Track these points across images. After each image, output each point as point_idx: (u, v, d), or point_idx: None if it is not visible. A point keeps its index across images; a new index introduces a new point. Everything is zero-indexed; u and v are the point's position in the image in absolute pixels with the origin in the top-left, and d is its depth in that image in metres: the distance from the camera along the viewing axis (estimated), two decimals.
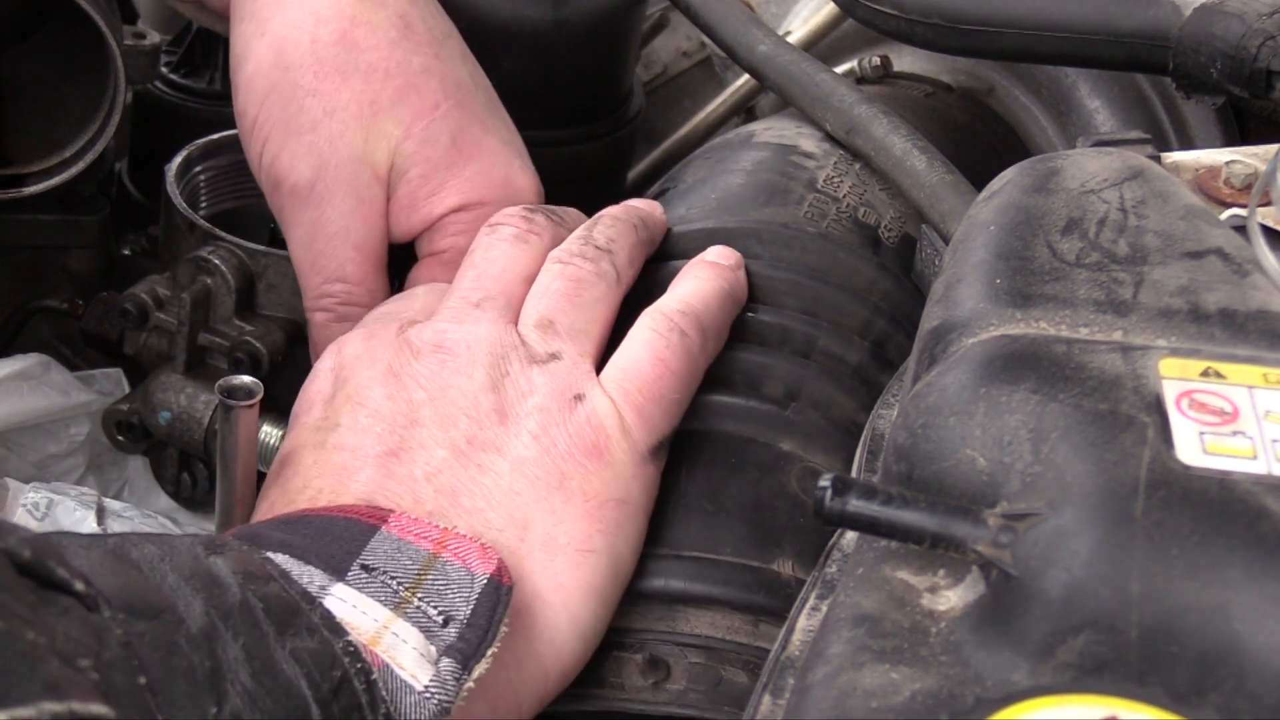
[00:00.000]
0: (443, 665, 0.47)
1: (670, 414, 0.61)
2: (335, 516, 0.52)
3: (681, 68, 1.19)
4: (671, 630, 0.58)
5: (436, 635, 0.48)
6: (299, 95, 0.69)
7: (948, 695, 0.35)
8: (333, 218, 0.69)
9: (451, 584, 0.50)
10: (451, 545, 0.52)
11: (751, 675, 0.58)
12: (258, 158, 0.71)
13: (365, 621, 0.47)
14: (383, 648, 0.47)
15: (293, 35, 0.70)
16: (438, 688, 0.46)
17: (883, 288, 0.70)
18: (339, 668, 0.44)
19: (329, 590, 0.48)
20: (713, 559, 0.59)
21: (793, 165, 0.76)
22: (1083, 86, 0.92)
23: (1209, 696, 0.34)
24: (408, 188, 0.70)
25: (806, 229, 0.71)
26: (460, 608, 0.49)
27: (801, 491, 0.61)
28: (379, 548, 0.50)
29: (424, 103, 0.70)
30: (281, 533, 0.51)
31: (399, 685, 0.46)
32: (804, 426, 0.63)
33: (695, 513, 0.60)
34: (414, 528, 0.52)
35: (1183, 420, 0.40)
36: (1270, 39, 0.61)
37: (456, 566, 0.51)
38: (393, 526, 0.52)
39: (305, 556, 0.49)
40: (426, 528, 0.52)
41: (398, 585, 0.49)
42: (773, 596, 0.58)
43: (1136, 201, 0.50)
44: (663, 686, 0.58)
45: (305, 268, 0.71)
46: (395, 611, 0.48)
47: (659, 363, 0.60)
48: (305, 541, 0.50)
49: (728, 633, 0.58)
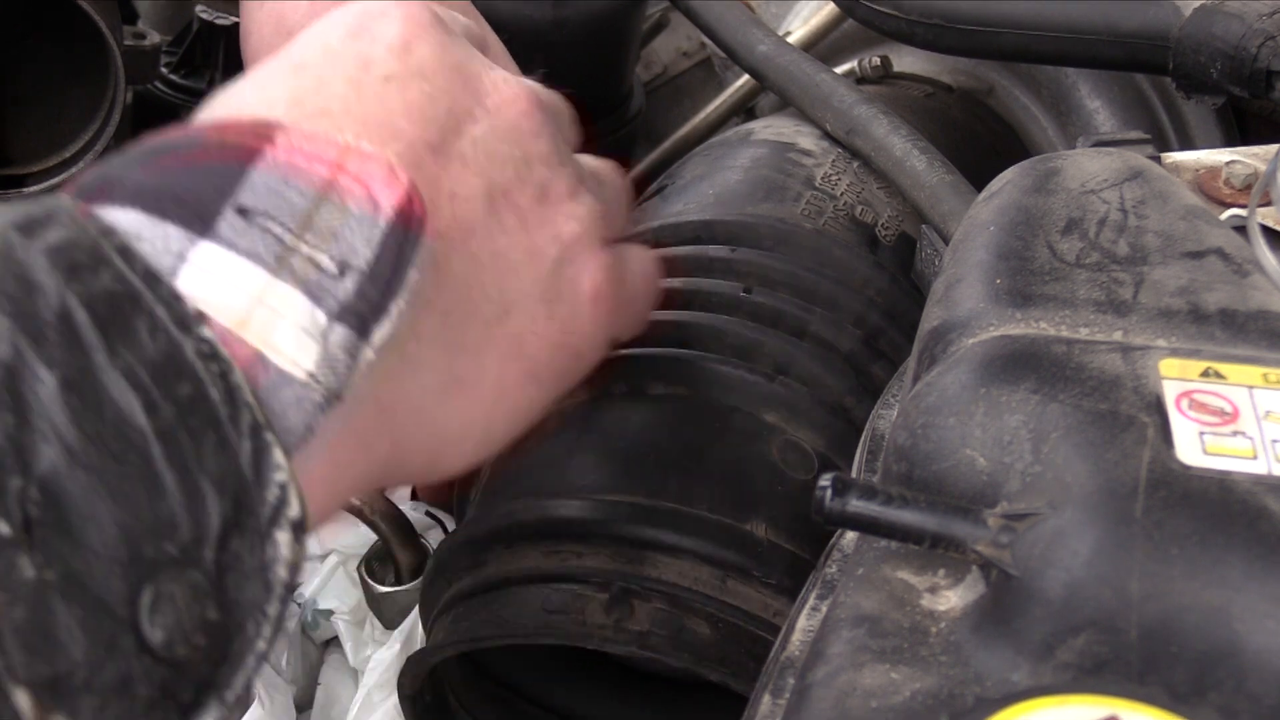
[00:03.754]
0: (333, 338, 0.38)
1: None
2: (211, 140, 0.41)
3: (681, 68, 1.19)
4: (639, 574, 0.59)
5: (329, 292, 0.39)
6: None
7: (948, 695, 0.35)
8: None
9: (350, 219, 0.40)
10: (352, 165, 0.41)
11: (714, 629, 0.58)
12: None
13: (233, 296, 0.37)
14: (253, 331, 0.37)
15: (291, 2, 0.70)
16: (325, 371, 0.38)
17: (878, 285, 0.70)
18: (187, 378, 0.34)
19: (187, 258, 0.37)
20: (687, 510, 0.59)
21: (790, 162, 0.76)
22: (1083, 86, 0.92)
23: (1209, 696, 0.34)
24: None
25: (803, 225, 0.71)
26: (360, 250, 0.40)
27: (782, 462, 0.62)
28: (260, 181, 0.39)
29: None
30: (144, 171, 0.39)
31: (273, 380, 0.37)
32: (790, 401, 0.64)
33: (674, 468, 0.61)
34: (307, 146, 0.41)
35: (1183, 420, 0.40)
36: (1270, 39, 0.61)
37: (357, 194, 0.41)
38: (280, 148, 0.41)
39: (163, 207, 0.38)
40: (322, 146, 0.41)
41: (281, 231, 0.39)
42: (743, 554, 0.58)
43: (1136, 201, 0.50)
44: (624, 626, 0.58)
45: None
46: (275, 272, 0.38)
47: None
48: (170, 180, 0.39)
49: (695, 583, 0.58)
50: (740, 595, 0.59)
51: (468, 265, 0.48)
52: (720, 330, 0.66)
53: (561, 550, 0.60)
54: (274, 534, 0.36)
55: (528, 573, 0.60)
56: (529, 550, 0.61)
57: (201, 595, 0.34)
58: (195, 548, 0.34)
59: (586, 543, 0.60)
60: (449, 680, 0.70)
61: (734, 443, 0.62)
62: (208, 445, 0.34)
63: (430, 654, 0.63)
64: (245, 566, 0.35)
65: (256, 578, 0.35)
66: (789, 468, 0.62)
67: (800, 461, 0.63)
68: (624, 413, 0.64)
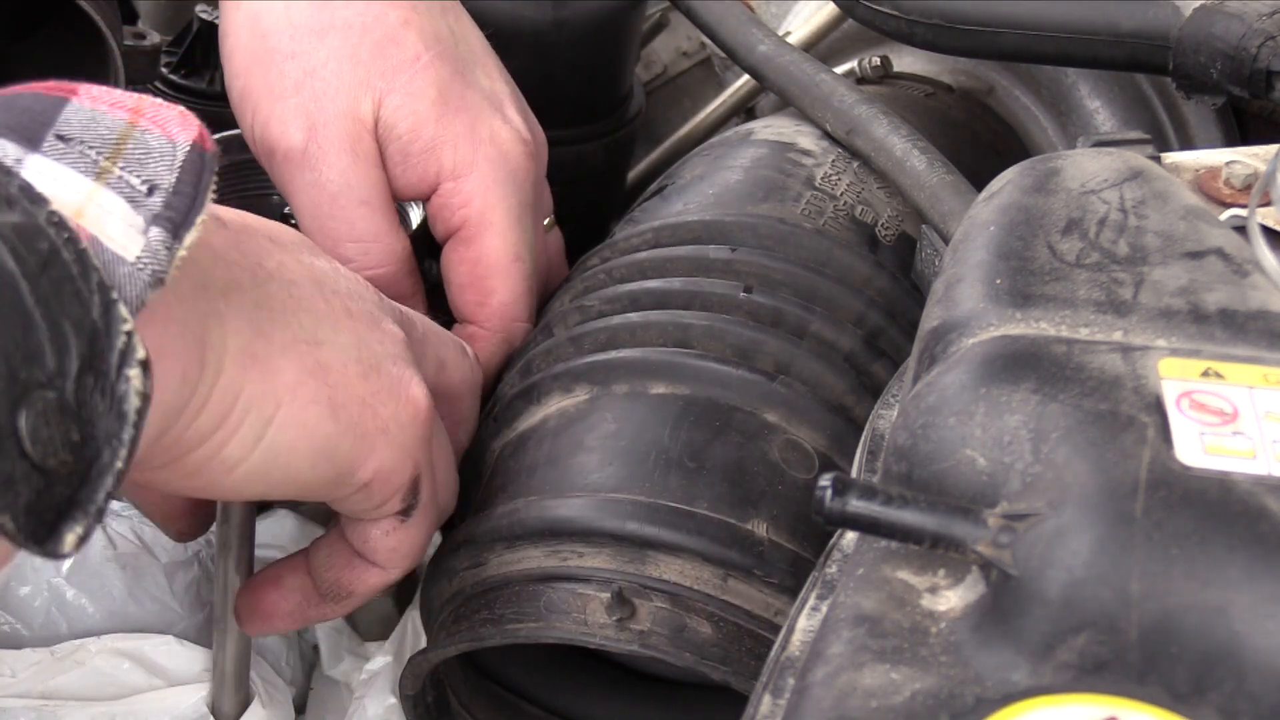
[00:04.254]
0: (152, 235, 0.45)
1: None
2: (22, 92, 0.48)
3: (681, 68, 1.19)
4: (640, 573, 0.59)
5: (142, 205, 0.46)
6: (278, 60, 0.69)
7: (948, 695, 0.35)
8: (331, 176, 0.69)
9: (152, 152, 0.48)
10: (149, 113, 0.49)
11: (716, 628, 0.58)
12: (250, 130, 0.71)
13: (67, 193, 0.44)
14: (89, 220, 0.44)
15: (267, 3, 0.70)
16: (149, 258, 0.45)
17: (878, 284, 0.70)
18: (45, 239, 0.41)
19: (24, 163, 0.45)
20: (688, 510, 0.59)
21: (790, 162, 0.76)
22: (1083, 86, 0.92)
23: (1209, 696, 0.34)
24: (399, 144, 0.70)
25: (803, 225, 0.71)
26: (164, 175, 0.47)
27: (783, 461, 0.62)
28: (73, 118, 0.47)
29: (404, 55, 0.70)
30: None
31: (110, 257, 0.44)
32: (790, 400, 0.64)
33: (675, 467, 0.61)
34: (106, 97, 0.49)
35: (1183, 420, 0.40)
36: (1270, 39, 0.61)
37: (156, 135, 0.48)
38: (84, 98, 0.48)
39: None
40: (120, 97, 0.49)
41: (96, 155, 0.46)
42: (744, 553, 0.58)
43: (1136, 202, 0.50)
44: (626, 625, 0.58)
45: (316, 235, 0.69)
46: (97, 181, 0.45)
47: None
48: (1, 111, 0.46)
49: (696, 582, 0.58)
50: (742, 594, 0.59)
51: (286, 293, 0.54)
52: (721, 330, 0.66)
53: (562, 550, 0.60)
54: (125, 372, 0.41)
55: (529, 572, 0.60)
56: (530, 550, 0.61)
57: (67, 418, 0.40)
58: (60, 378, 0.40)
59: (588, 542, 0.60)
60: (450, 680, 0.70)
61: (735, 442, 0.62)
62: (66, 292, 0.40)
63: (431, 654, 0.63)
64: (101, 399, 0.41)
65: (112, 409, 0.41)
66: (790, 467, 0.62)
67: (801, 460, 0.63)
68: (625, 412, 0.64)
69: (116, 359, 0.41)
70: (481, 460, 0.68)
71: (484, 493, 0.66)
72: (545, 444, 0.64)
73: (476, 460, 0.68)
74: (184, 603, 0.75)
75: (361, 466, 0.56)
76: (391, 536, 0.61)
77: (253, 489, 0.54)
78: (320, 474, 0.55)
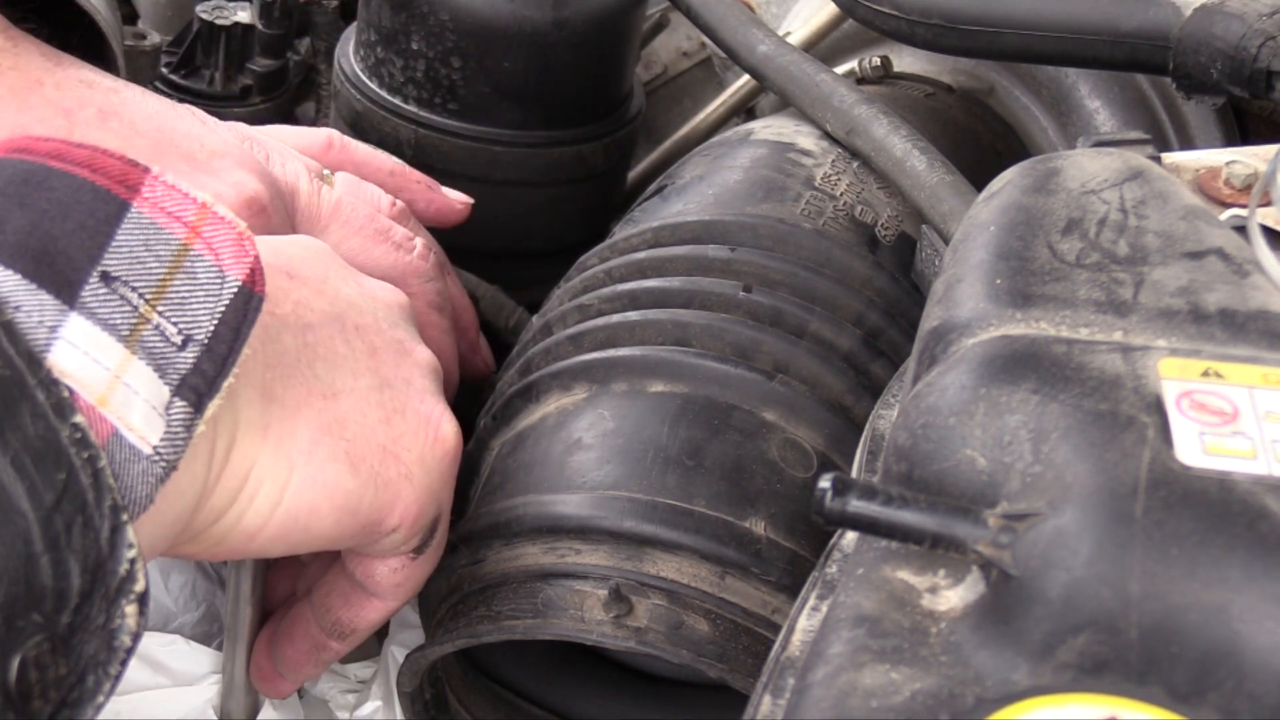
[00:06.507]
0: (173, 414, 0.43)
1: None
2: (84, 182, 0.43)
3: (681, 68, 1.19)
4: (638, 570, 0.59)
5: (172, 365, 0.43)
6: None
7: (948, 695, 0.35)
8: None
9: (198, 289, 0.44)
10: (207, 231, 0.45)
11: (713, 625, 0.58)
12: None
13: (96, 374, 0.41)
14: (113, 407, 0.41)
15: None
16: (166, 446, 0.42)
17: (877, 284, 0.70)
18: (64, 466, 0.38)
19: (59, 333, 0.41)
20: (686, 508, 0.59)
21: (790, 162, 0.76)
22: (1083, 86, 0.92)
23: (1209, 696, 0.34)
24: None
25: (803, 225, 0.71)
26: (203, 322, 0.44)
27: (781, 460, 0.62)
28: (125, 241, 0.43)
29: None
30: (22, 214, 0.42)
31: (126, 455, 0.41)
32: (789, 399, 0.64)
33: (674, 465, 0.61)
34: (170, 201, 0.44)
35: (1183, 420, 0.40)
36: (1270, 39, 0.61)
37: (208, 262, 0.44)
38: (145, 203, 0.44)
39: (39, 272, 0.41)
40: (184, 202, 0.45)
41: (138, 299, 0.43)
42: (742, 551, 0.59)
43: (1136, 202, 0.50)
44: (623, 622, 0.58)
45: None
46: (130, 345, 0.42)
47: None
48: (44, 228, 0.42)
49: (693, 580, 0.58)
50: (739, 592, 0.59)
51: (300, 343, 0.53)
52: (720, 329, 0.66)
53: (560, 547, 0.60)
54: (121, 603, 0.41)
55: (526, 569, 0.60)
56: (528, 547, 0.61)
57: (57, 655, 0.38)
58: (55, 615, 0.38)
59: (585, 539, 0.60)
60: (448, 677, 0.70)
61: (733, 440, 0.62)
62: (76, 527, 0.39)
63: (429, 650, 0.63)
64: (93, 627, 0.40)
65: (102, 639, 0.40)
66: (788, 465, 0.62)
67: (799, 459, 0.63)
68: (623, 410, 0.64)
69: (116, 587, 0.40)
70: (480, 458, 0.68)
71: (482, 490, 0.66)
72: (544, 442, 0.64)
73: (475, 458, 0.68)
74: (179, 601, 0.75)
75: (388, 516, 0.56)
76: (399, 573, 0.61)
77: (278, 550, 0.53)
78: (345, 529, 0.54)
